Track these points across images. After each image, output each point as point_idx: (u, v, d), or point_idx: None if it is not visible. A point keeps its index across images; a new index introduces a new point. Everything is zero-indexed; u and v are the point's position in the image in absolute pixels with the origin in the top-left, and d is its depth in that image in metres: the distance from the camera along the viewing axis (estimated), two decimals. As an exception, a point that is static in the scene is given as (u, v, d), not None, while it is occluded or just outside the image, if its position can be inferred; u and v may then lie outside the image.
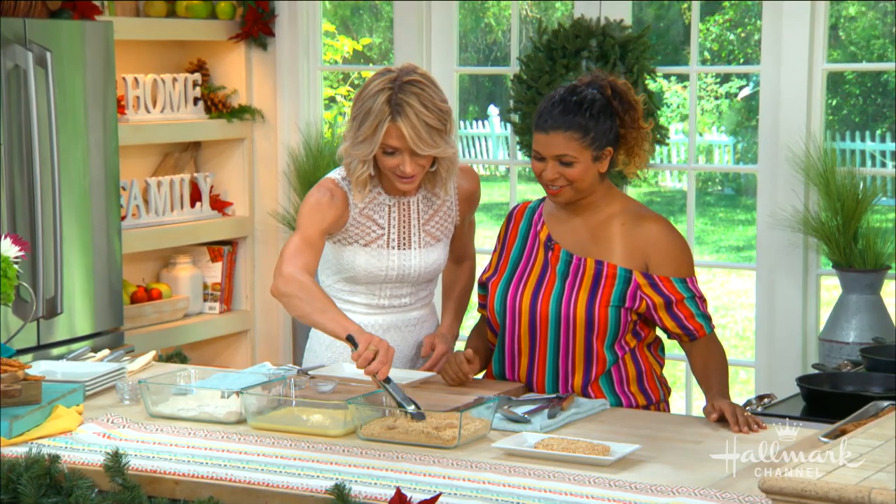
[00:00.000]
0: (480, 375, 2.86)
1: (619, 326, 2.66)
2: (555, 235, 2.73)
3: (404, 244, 2.82)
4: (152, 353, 2.99)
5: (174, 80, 4.72)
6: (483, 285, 2.83)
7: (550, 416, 2.45)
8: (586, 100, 2.62)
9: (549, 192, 2.68)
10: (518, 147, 4.59)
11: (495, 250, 2.83)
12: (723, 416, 2.43)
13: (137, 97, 4.59)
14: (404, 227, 2.82)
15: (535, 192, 2.92)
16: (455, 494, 2.03)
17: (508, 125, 4.62)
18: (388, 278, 2.82)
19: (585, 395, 2.70)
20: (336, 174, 2.82)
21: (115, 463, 2.11)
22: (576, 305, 2.64)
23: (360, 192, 2.74)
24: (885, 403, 2.41)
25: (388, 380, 2.45)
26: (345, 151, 2.74)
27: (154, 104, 4.65)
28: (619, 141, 2.67)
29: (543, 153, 2.64)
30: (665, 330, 2.69)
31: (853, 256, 3.97)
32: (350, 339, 2.51)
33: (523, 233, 2.79)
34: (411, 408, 2.38)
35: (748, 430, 2.38)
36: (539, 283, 2.70)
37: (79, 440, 2.35)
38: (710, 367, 2.64)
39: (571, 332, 2.67)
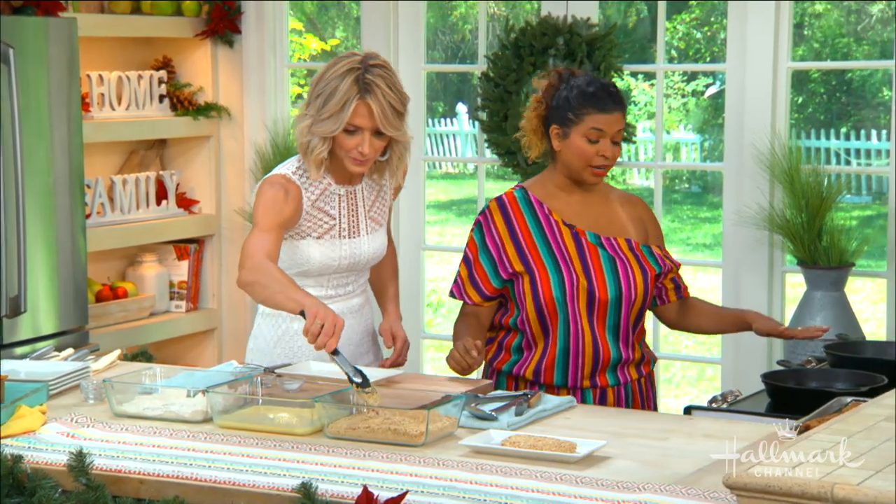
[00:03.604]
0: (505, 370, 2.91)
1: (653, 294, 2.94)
2: (566, 219, 2.88)
3: (354, 232, 2.87)
4: (117, 352, 2.97)
5: (139, 77, 4.68)
6: (509, 279, 2.85)
7: (517, 414, 2.46)
8: (616, 87, 2.89)
9: (594, 174, 2.84)
10: (486, 144, 4.59)
11: (492, 245, 2.86)
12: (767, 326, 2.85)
13: (102, 94, 4.55)
14: (353, 215, 2.87)
15: (503, 189, 2.94)
16: (422, 492, 2.03)
17: (476, 123, 4.62)
18: (340, 268, 2.87)
19: (626, 363, 2.87)
20: (285, 169, 2.84)
21: (79, 462, 2.10)
22: (635, 282, 2.85)
23: (317, 171, 2.79)
24: (849, 399, 2.43)
25: (336, 352, 2.46)
26: (304, 130, 2.77)
27: (119, 101, 4.62)
28: None
29: (607, 131, 2.82)
30: (663, 293, 2.96)
31: (818, 254, 4.01)
32: (303, 315, 2.53)
33: (534, 220, 2.87)
34: (358, 379, 2.38)
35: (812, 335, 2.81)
36: (586, 266, 2.84)
37: (42, 440, 2.33)
38: (714, 305, 3.04)
39: (631, 307, 2.85)
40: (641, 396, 2.92)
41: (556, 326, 2.83)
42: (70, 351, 3.01)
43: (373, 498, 1.96)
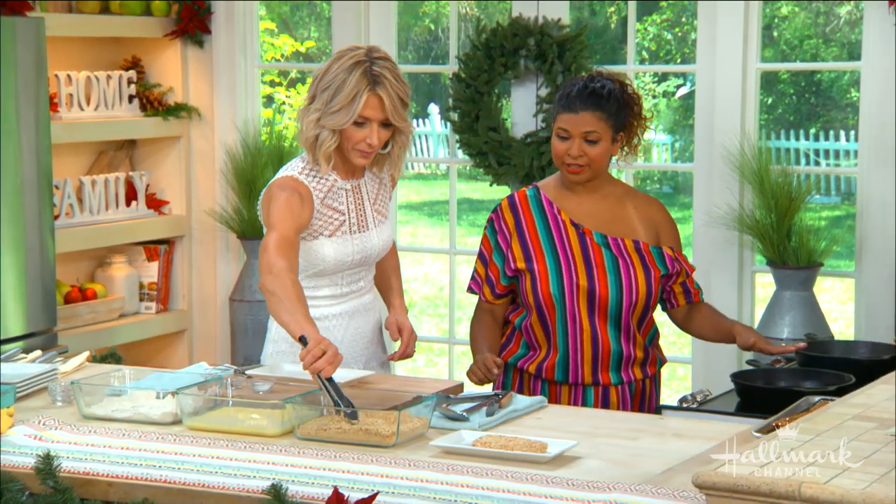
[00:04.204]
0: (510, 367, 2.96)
1: (660, 293, 2.97)
2: (575, 218, 2.92)
3: (363, 226, 2.89)
4: (85, 354, 2.95)
5: (108, 77, 4.66)
6: (514, 276, 2.92)
7: (488, 414, 2.46)
8: (606, 88, 2.88)
9: (569, 171, 2.89)
10: (458, 145, 4.59)
11: (503, 243, 2.92)
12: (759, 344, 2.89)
13: (71, 95, 4.52)
14: (360, 209, 2.89)
15: (474, 189, 2.98)
16: (393, 493, 2.03)
17: (448, 123, 4.62)
18: (354, 263, 2.88)
19: (630, 362, 2.90)
20: (291, 171, 2.84)
21: (47, 465, 2.08)
22: (637, 283, 2.88)
23: (326, 165, 2.81)
24: (817, 398, 2.45)
25: (330, 380, 2.45)
26: (311, 124, 2.78)
27: (88, 102, 4.59)
28: (625, 129, 2.92)
29: (572, 131, 2.86)
30: (671, 297, 2.99)
31: (787, 254, 4.03)
32: (302, 340, 2.52)
33: (542, 219, 2.93)
34: (349, 409, 2.37)
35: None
36: (589, 265, 2.88)
37: (9, 442, 2.31)
38: (718, 314, 3.04)
39: (632, 307, 2.88)
40: (644, 397, 2.96)
41: (555, 324, 2.89)
42: (38, 353, 2.99)
43: (343, 499, 1.96)
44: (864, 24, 4.05)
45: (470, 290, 3.02)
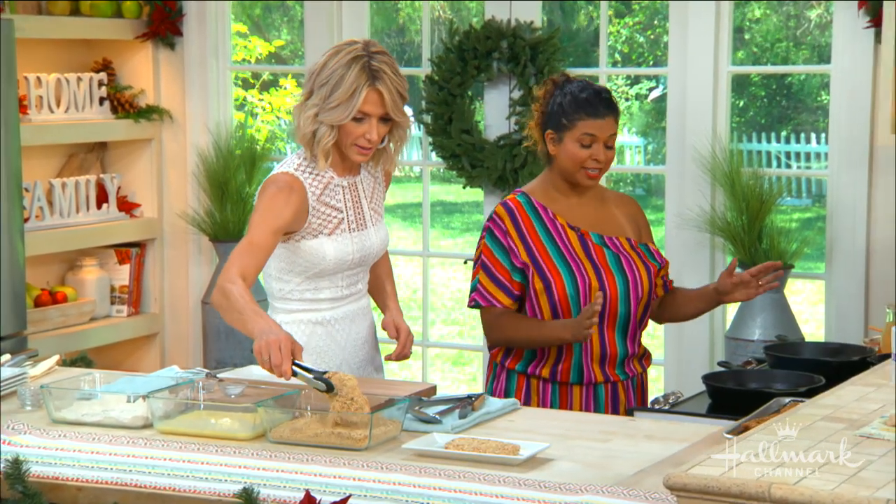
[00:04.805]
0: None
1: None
2: (570, 221, 2.95)
3: (361, 224, 2.87)
4: (55, 358, 2.93)
5: (79, 79, 4.63)
6: (522, 268, 2.91)
7: (461, 417, 2.46)
8: (609, 93, 2.96)
9: (587, 176, 2.92)
10: (431, 147, 4.59)
11: (505, 243, 2.91)
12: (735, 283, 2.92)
13: (40, 97, 4.49)
14: (358, 207, 2.87)
15: (448, 192, 2.98)
16: (365, 496, 2.02)
17: (421, 126, 4.62)
18: (353, 262, 2.86)
19: (632, 357, 2.94)
20: (287, 167, 2.82)
21: (16, 470, 2.06)
22: (641, 278, 2.94)
23: (325, 161, 2.79)
24: (787, 400, 2.46)
25: (294, 373, 2.44)
26: (309, 119, 2.75)
27: (58, 104, 4.56)
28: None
29: (599, 136, 2.90)
30: (654, 290, 3.01)
31: (758, 255, 4.05)
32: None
33: (541, 224, 2.94)
34: (324, 385, 2.38)
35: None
36: (595, 266, 2.92)
37: (-22, 448, 2.29)
38: (686, 289, 3.11)
39: (639, 303, 2.93)
40: (644, 389, 3.04)
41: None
42: (7, 357, 2.96)
43: (315, 502, 1.95)
44: (834, 27, 4.08)
45: (474, 303, 2.96)
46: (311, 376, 2.41)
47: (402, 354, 2.92)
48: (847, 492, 1.68)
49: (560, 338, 2.85)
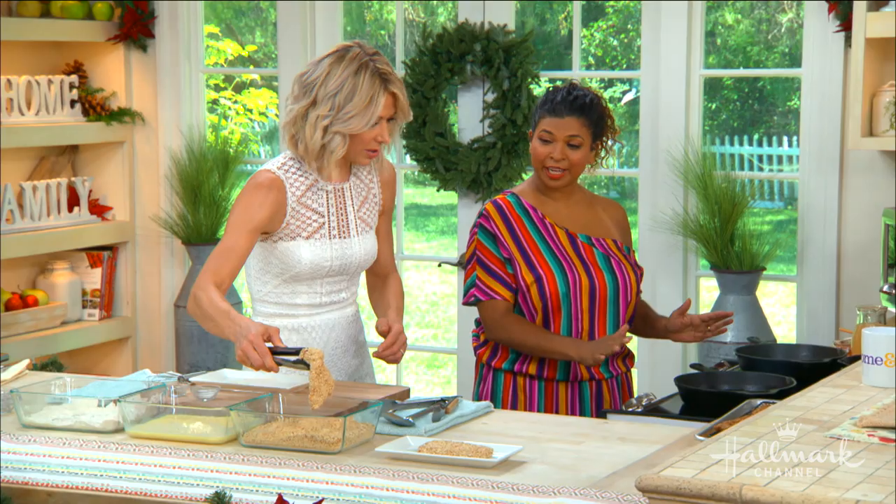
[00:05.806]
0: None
1: None
2: (559, 222, 3.00)
3: (344, 232, 2.83)
4: (25, 362, 2.91)
5: (49, 81, 4.60)
6: (510, 264, 2.94)
7: (434, 420, 2.46)
8: (588, 97, 2.98)
9: (549, 176, 2.96)
10: (405, 150, 4.59)
11: (498, 245, 2.94)
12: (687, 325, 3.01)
13: (11, 99, 4.46)
14: (342, 214, 2.84)
15: (422, 195, 2.99)
16: (338, 500, 2.02)
17: (393, 129, 4.61)
18: (332, 270, 2.82)
19: (617, 355, 2.97)
20: (270, 164, 2.80)
21: (-15, 476, 2.05)
22: (629, 278, 2.98)
23: (336, 170, 2.80)
24: (759, 401, 2.48)
25: (278, 362, 2.45)
26: (320, 131, 2.71)
27: (29, 106, 4.53)
28: (601, 139, 3.00)
29: (556, 135, 2.93)
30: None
31: (730, 258, 4.07)
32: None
33: (530, 222, 2.98)
34: (292, 358, 2.40)
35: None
36: (585, 263, 2.95)
37: (-53, 453, 2.27)
38: (646, 307, 3.16)
39: (628, 301, 2.97)
40: (629, 387, 3.06)
41: (560, 322, 2.92)
42: (-23, 361, 2.94)
43: (288, 506, 1.94)
44: (805, 30, 4.10)
45: (474, 300, 2.95)
46: (292, 360, 2.43)
47: (388, 352, 2.77)
48: (817, 493, 1.70)
49: (565, 354, 2.88)
